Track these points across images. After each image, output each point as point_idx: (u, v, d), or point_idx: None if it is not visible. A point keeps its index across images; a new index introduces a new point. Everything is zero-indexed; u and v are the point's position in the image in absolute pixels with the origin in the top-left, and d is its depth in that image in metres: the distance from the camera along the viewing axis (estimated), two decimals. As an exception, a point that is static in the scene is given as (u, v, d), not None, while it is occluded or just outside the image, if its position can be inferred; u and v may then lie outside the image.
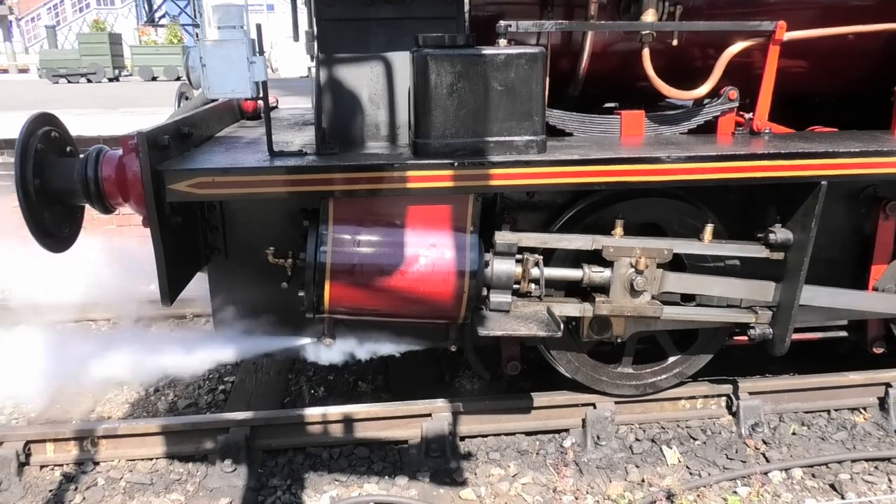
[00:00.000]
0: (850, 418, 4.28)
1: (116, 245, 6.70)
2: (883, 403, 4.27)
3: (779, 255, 3.64)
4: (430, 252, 3.36)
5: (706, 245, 3.65)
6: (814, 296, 3.76)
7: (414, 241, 3.37)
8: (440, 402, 4.03)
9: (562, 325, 3.44)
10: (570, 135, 3.78)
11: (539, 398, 4.06)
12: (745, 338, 3.88)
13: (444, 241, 3.38)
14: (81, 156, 3.41)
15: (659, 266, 3.60)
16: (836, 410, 4.32)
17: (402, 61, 3.50)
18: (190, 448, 3.89)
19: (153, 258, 3.22)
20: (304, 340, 3.99)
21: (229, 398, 4.63)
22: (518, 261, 3.54)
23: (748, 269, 3.77)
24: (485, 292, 3.53)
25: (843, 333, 4.37)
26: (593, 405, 4.05)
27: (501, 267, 3.50)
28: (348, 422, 3.96)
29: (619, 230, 3.57)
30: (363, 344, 3.96)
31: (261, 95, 3.23)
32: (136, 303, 5.94)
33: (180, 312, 6.03)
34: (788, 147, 3.47)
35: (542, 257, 3.57)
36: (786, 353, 3.78)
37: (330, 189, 3.22)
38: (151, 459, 3.89)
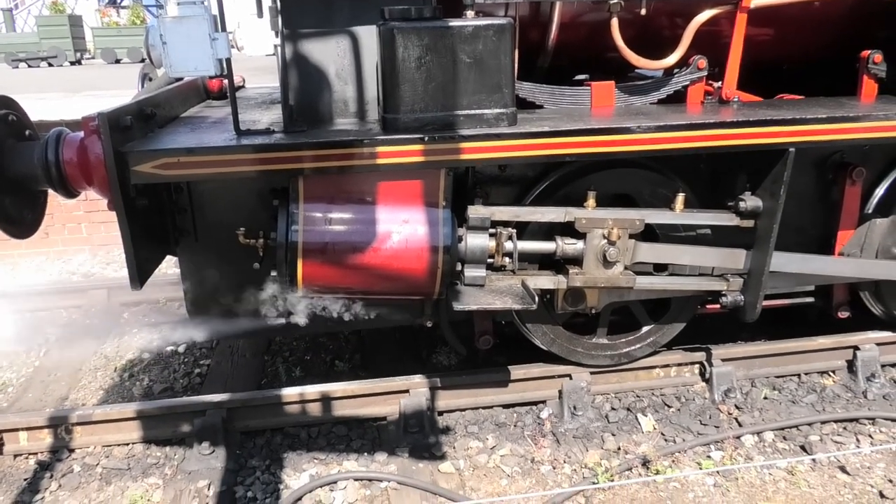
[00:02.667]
0: (819, 381, 4.38)
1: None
2: (851, 366, 4.38)
3: (749, 223, 3.68)
4: (402, 228, 3.35)
5: (677, 214, 3.67)
6: (784, 262, 3.82)
7: (386, 218, 3.35)
8: (417, 378, 4.04)
9: (536, 298, 3.46)
10: (541, 107, 3.77)
11: (515, 371, 4.09)
12: (718, 306, 3.93)
13: (417, 216, 3.37)
14: (42, 139, 3.33)
15: (631, 236, 3.63)
16: (806, 374, 4.41)
17: (368, 35, 3.45)
18: (167, 432, 3.86)
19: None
20: (279, 320, 3.97)
21: (205, 381, 4.60)
22: (491, 235, 3.54)
23: (719, 237, 3.81)
24: (459, 267, 3.53)
25: (811, 300, 4.45)
26: (569, 376, 4.09)
27: (475, 241, 3.50)
28: (326, 400, 3.95)
29: (591, 202, 3.58)
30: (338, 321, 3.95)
31: (225, 73, 3.17)
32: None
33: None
34: (757, 115, 3.50)
35: (515, 231, 3.57)
36: (757, 320, 3.84)
37: (299, 167, 3.18)
38: (128, 445, 3.86)
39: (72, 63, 28.39)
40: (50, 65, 27.63)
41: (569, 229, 3.61)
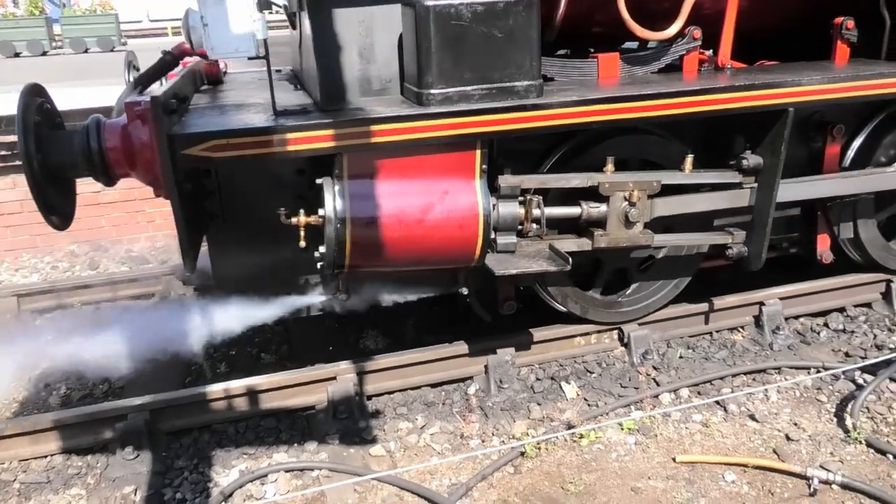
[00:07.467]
0: (730, 337, 4.61)
1: None
2: (758, 321, 4.62)
3: (750, 179, 3.95)
4: (443, 199, 3.44)
5: (687, 175, 3.94)
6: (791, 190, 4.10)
7: (427, 190, 3.44)
8: (344, 364, 4.04)
9: (570, 259, 3.60)
10: (552, 79, 3.92)
11: (441, 350, 4.15)
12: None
13: (456, 187, 3.47)
14: (79, 126, 3.30)
15: (648, 197, 3.83)
16: (717, 332, 4.64)
17: (391, 13, 3.52)
18: (88, 440, 3.74)
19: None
20: (313, 299, 4.09)
21: (127, 384, 4.47)
22: (520, 202, 3.68)
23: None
24: (492, 235, 3.63)
25: (793, 250, 4.78)
26: (494, 351, 4.17)
27: (507, 209, 3.64)
28: (253, 394, 3.91)
29: (610, 167, 3.77)
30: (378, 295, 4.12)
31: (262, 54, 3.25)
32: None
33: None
34: (759, 78, 3.79)
35: (542, 198, 3.71)
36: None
37: (346, 144, 3.26)
38: (46, 457, 3.72)
39: (-35, 59, 26.74)
40: (-56, 61, 25.95)
41: (590, 194, 3.79)
